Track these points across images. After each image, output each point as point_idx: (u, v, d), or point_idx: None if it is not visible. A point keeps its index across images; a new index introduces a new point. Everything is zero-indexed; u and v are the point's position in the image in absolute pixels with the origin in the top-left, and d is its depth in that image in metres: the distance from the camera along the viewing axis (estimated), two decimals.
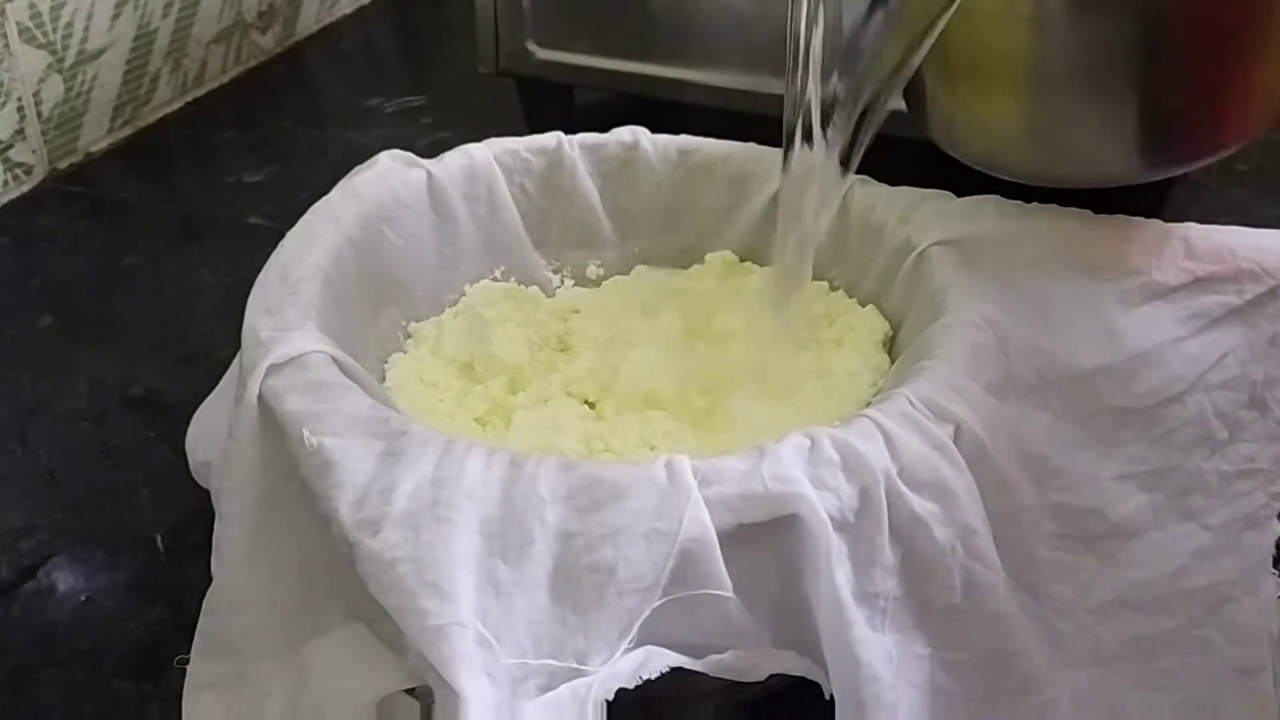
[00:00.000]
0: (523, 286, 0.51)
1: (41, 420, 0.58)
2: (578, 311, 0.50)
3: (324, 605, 0.33)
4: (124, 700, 0.43)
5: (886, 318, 0.47)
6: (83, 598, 0.48)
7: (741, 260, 0.52)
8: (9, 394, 0.60)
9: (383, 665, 0.33)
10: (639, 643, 0.32)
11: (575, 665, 0.31)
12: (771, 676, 0.35)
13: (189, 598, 0.39)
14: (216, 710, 0.38)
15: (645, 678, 0.32)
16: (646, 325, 0.47)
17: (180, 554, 0.49)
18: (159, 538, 0.50)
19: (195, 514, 0.38)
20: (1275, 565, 0.43)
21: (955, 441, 0.35)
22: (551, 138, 0.52)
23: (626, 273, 0.53)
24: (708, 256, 0.52)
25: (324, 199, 0.47)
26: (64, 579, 0.49)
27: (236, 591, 0.37)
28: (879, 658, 0.34)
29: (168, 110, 0.93)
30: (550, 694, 0.31)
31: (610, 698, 0.31)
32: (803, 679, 0.35)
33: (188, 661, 0.39)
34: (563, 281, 0.53)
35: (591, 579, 0.32)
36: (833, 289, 0.50)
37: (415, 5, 1.21)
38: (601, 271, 0.53)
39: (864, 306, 0.48)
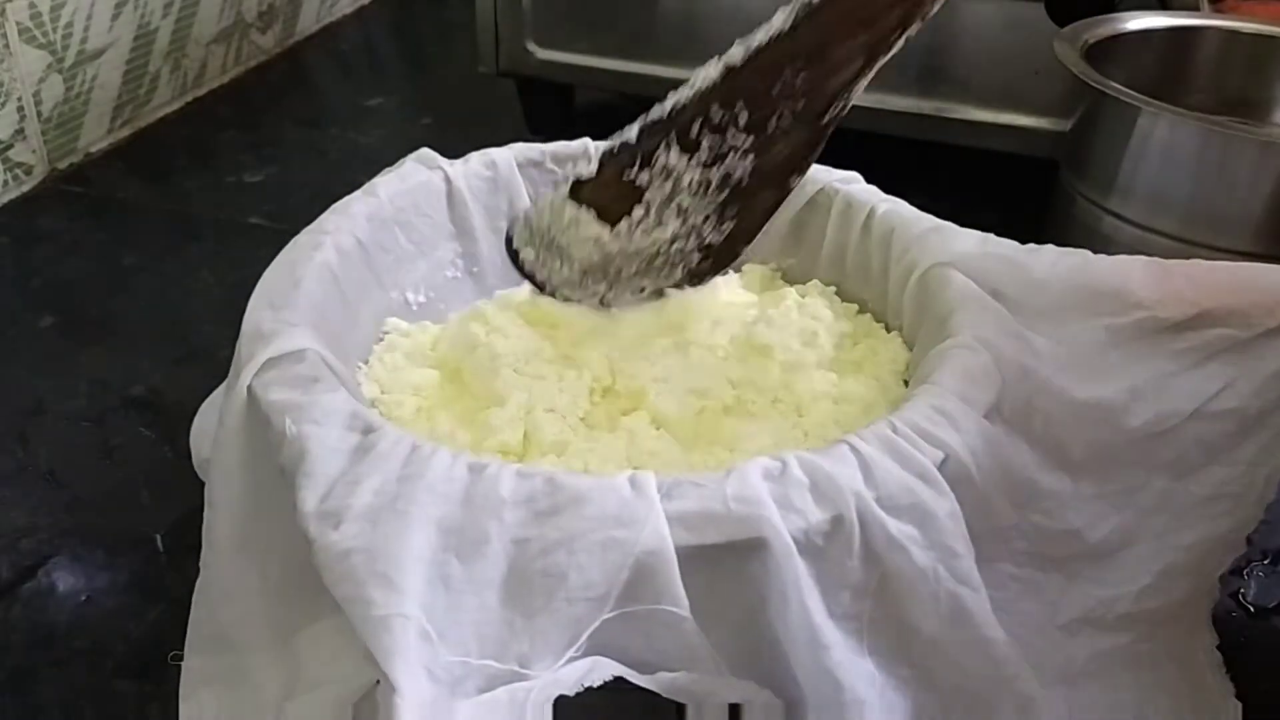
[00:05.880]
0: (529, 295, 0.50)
1: (41, 420, 0.58)
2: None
3: (315, 593, 0.33)
4: (124, 700, 0.43)
5: (907, 343, 0.46)
6: (83, 598, 0.48)
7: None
8: (9, 394, 0.60)
9: None
10: (588, 653, 0.31)
11: (517, 669, 0.31)
12: None
13: (189, 597, 0.39)
14: (213, 706, 0.38)
15: (588, 685, 0.31)
16: (662, 339, 0.46)
17: (180, 554, 0.49)
18: (159, 538, 0.50)
19: (195, 514, 0.38)
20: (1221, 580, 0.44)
21: (941, 466, 0.35)
22: (579, 146, 0.52)
23: None
24: (745, 268, 0.52)
25: (345, 198, 0.47)
26: (64, 579, 0.49)
27: (227, 580, 0.37)
28: (861, 681, 0.33)
29: (168, 110, 0.93)
30: (487, 695, 0.31)
31: (550, 702, 0.31)
32: None
33: (183, 658, 0.39)
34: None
35: (543, 583, 0.31)
36: (861, 312, 0.49)
37: (415, 5, 1.21)
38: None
39: (890, 332, 0.48)
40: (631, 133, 0.41)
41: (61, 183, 0.81)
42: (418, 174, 0.49)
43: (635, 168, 0.41)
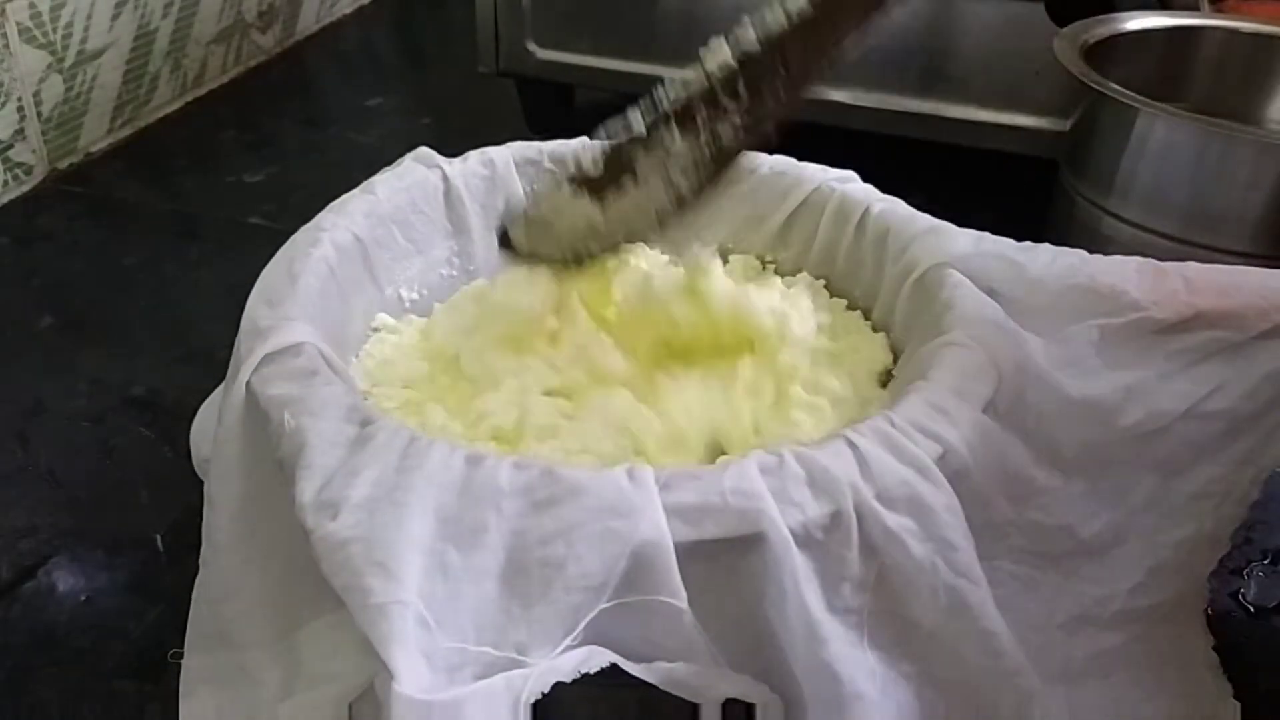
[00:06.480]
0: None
1: (41, 420, 0.58)
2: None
3: (315, 590, 0.33)
4: (124, 700, 0.43)
5: (893, 344, 0.46)
6: (83, 598, 0.48)
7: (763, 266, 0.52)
8: (9, 394, 0.60)
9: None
10: (585, 643, 0.32)
11: (515, 656, 0.31)
12: None
13: (189, 597, 0.39)
14: (214, 703, 0.38)
15: (585, 672, 0.32)
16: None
17: (180, 554, 0.49)
18: (159, 538, 0.50)
19: (195, 514, 0.38)
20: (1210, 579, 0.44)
21: (940, 460, 0.35)
22: (577, 145, 0.52)
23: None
24: (731, 258, 0.52)
25: (344, 196, 0.47)
26: (64, 579, 0.49)
27: (227, 577, 0.37)
28: (861, 675, 0.33)
29: (168, 110, 0.93)
30: (484, 681, 0.31)
31: (545, 691, 0.31)
32: None
33: (182, 656, 0.39)
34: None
35: (541, 573, 0.31)
36: (850, 308, 0.49)
37: (415, 5, 1.21)
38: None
39: (877, 332, 0.48)
40: (637, 124, 0.43)
41: (61, 183, 0.81)
42: (415, 172, 0.49)
43: (637, 156, 0.43)
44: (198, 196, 0.81)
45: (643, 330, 0.45)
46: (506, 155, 0.51)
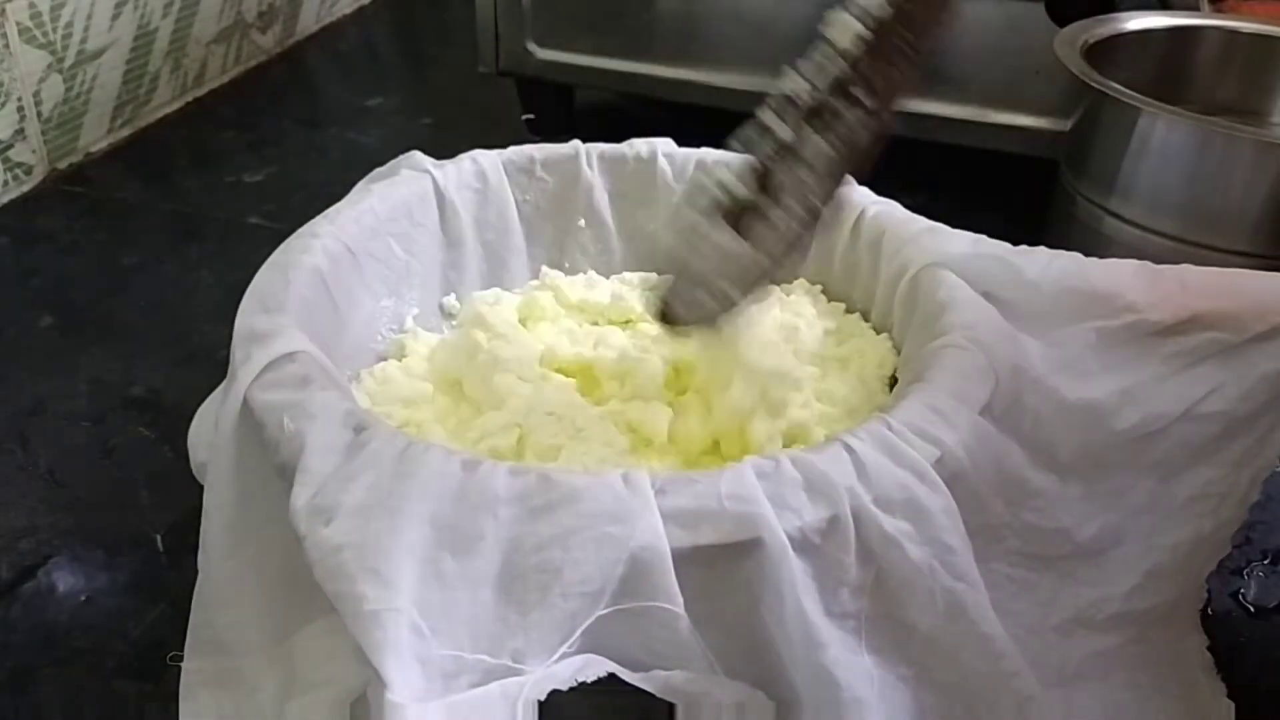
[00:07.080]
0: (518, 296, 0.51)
1: (41, 420, 0.58)
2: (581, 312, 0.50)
3: (310, 595, 0.33)
4: (124, 700, 0.43)
5: (895, 345, 0.46)
6: (83, 598, 0.48)
7: None
8: (9, 394, 0.60)
9: None
10: (581, 650, 0.31)
11: (511, 664, 0.31)
12: None
13: (189, 597, 0.39)
14: (212, 707, 0.38)
15: (582, 681, 0.31)
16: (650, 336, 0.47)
17: (180, 554, 0.49)
18: (159, 538, 0.50)
19: (195, 514, 0.38)
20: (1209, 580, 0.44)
21: (937, 463, 0.35)
22: (570, 148, 0.52)
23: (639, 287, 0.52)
24: None
25: (338, 204, 0.47)
26: (64, 579, 0.49)
27: (223, 584, 0.37)
28: (859, 679, 0.33)
29: (168, 110, 0.93)
30: (479, 689, 0.31)
31: (542, 698, 0.31)
32: None
33: (182, 659, 0.39)
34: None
35: (537, 579, 0.31)
36: (849, 311, 0.49)
37: (415, 5, 1.21)
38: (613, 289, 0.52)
39: (879, 334, 0.47)
40: (780, 129, 0.39)
41: (61, 183, 0.82)
42: (408, 181, 0.49)
43: (776, 170, 0.39)
44: (198, 196, 0.81)
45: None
46: (498, 165, 0.51)
